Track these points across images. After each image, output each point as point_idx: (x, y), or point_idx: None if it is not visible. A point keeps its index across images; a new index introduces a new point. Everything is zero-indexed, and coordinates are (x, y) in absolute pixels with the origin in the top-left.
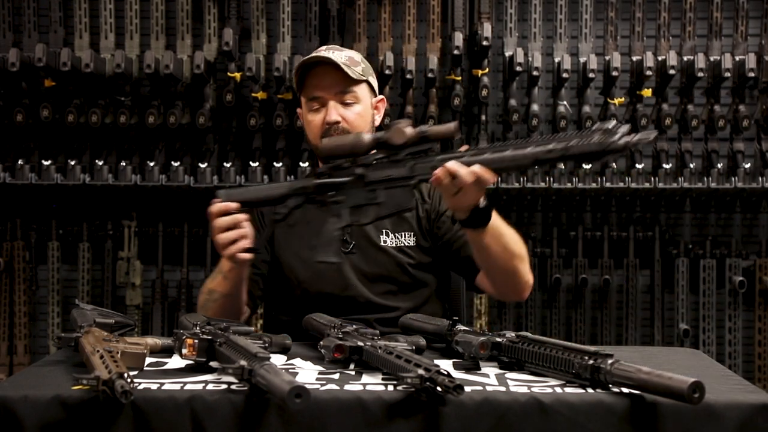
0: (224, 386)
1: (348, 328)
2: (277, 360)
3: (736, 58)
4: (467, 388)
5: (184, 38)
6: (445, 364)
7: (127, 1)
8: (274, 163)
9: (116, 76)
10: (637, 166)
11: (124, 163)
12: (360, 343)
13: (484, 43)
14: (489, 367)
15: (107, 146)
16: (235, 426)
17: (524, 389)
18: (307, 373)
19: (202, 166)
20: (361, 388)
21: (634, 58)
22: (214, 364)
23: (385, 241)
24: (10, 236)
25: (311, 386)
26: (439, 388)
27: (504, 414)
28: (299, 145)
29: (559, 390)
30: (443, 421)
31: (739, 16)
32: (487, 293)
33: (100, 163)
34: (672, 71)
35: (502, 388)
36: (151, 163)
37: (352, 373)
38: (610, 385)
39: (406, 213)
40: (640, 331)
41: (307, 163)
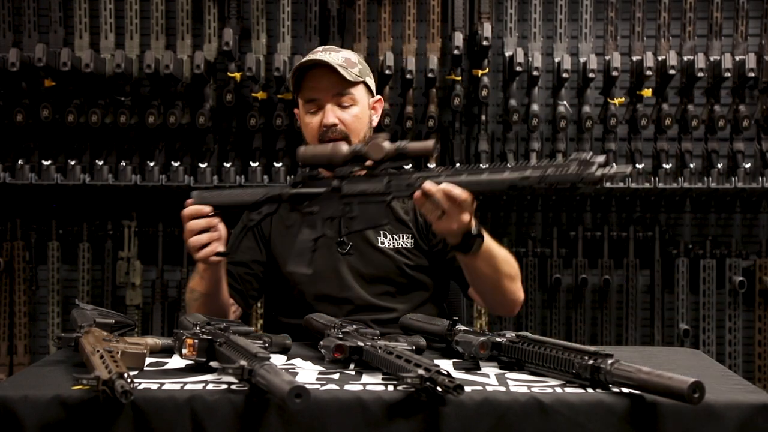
0: (224, 386)
1: (348, 328)
2: (277, 360)
3: (736, 58)
4: (467, 388)
5: (184, 38)
6: (445, 364)
7: (127, 1)
8: (274, 163)
9: (116, 76)
10: (637, 166)
11: (124, 163)
12: (360, 343)
13: (484, 43)
14: (489, 367)
15: (107, 146)
16: (235, 426)
17: (524, 389)
18: (307, 373)
19: (202, 166)
20: (361, 388)
21: (634, 58)
22: (214, 364)
23: (383, 243)
24: (10, 236)
25: (311, 386)
26: (439, 388)
27: (504, 414)
28: (299, 145)
29: (559, 390)
30: (443, 421)
31: (739, 16)
32: (479, 305)
33: (100, 163)
34: (672, 71)
35: (502, 388)
36: (151, 163)
37: (352, 373)
38: (610, 385)
39: (405, 216)
40: (640, 331)
41: None
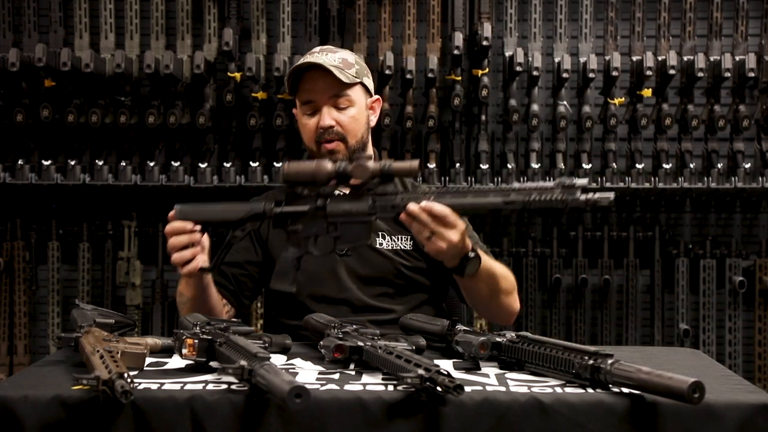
0: (224, 386)
1: (348, 328)
2: (277, 360)
3: (736, 58)
4: (467, 388)
5: (184, 38)
6: (445, 364)
7: (127, 1)
8: (274, 163)
9: (116, 76)
10: (637, 166)
11: (124, 163)
12: (360, 343)
13: (484, 43)
14: (489, 367)
15: (107, 146)
16: (235, 426)
17: (524, 389)
18: (307, 373)
19: (202, 166)
20: (361, 388)
21: (634, 58)
22: (214, 364)
23: (381, 244)
24: (10, 236)
25: (311, 386)
26: (439, 388)
27: (504, 414)
28: (299, 145)
29: (559, 390)
30: (443, 421)
31: (739, 16)
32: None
33: (100, 163)
34: (672, 71)
35: (502, 388)
36: (151, 163)
37: (352, 373)
38: (610, 385)
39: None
40: (640, 331)
41: None
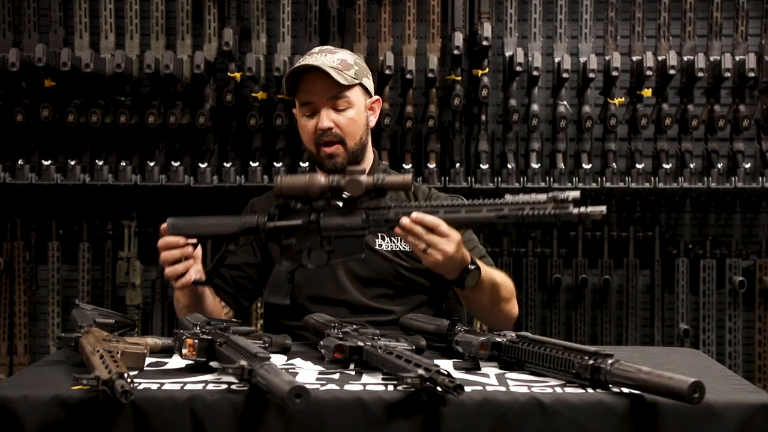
0: (224, 386)
1: (348, 328)
2: (277, 360)
3: (736, 58)
4: (467, 388)
5: (184, 38)
6: (445, 364)
7: (127, 1)
8: (274, 163)
9: (116, 76)
10: (637, 166)
11: (124, 163)
12: (360, 343)
13: (484, 43)
14: (489, 367)
15: (107, 146)
16: (235, 426)
17: (524, 389)
18: (307, 373)
19: (202, 166)
20: (361, 388)
21: (634, 58)
22: (214, 364)
23: (381, 245)
24: (10, 236)
25: (311, 386)
26: (439, 388)
27: (504, 414)
28: (299, 145)
29: (559, 390)
30: (443, 421)
31: (739, 16)
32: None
33: (100, 163)
34: (672, 71)
35: (502, 388)
36: (151, 163)
37: (352, 373)
38: (610, 385)
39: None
40: (640, 331)
41: (306, 164)
